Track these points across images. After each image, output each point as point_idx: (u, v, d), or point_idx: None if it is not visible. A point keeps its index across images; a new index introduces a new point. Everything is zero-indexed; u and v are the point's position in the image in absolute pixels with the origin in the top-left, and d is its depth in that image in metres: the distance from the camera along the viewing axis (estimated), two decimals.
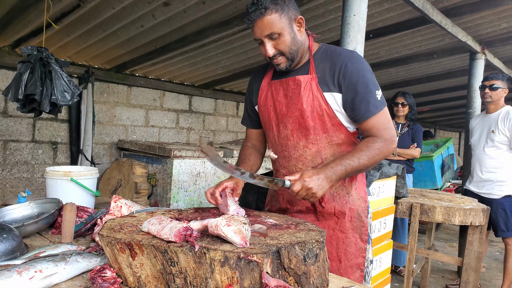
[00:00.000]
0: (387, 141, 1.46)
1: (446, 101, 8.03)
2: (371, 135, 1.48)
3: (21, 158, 4.03)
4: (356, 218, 1.57)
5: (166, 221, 1.10)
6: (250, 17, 1.42)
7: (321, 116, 1.49)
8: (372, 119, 1.46)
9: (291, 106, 1.54)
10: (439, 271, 4.31)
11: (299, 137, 1.55)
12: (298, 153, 1.57)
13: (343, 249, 1.56)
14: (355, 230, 1.57)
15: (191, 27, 3.52)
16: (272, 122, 1.63)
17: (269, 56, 1.47)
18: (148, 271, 1.07)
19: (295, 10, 1.46)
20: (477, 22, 3.88)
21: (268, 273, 0.94)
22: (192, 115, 5.60)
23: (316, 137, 1.52)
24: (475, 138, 3.49)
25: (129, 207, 1.62)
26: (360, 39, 2.14)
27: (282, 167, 1.65)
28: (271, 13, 1.39)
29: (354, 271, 1.56)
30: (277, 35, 1.42)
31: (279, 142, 1.62)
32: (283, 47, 1.45)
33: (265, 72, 1.69)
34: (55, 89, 2.43)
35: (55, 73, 2.45)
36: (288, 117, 1.56)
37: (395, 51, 4.63)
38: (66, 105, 2.54)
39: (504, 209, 3.24)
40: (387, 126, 1.47)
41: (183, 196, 3.74)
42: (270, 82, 1.63)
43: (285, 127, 1.58)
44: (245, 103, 1.80)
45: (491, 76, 3.32)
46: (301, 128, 1.54)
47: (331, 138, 1.52)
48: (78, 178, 1.97)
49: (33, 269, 1.08)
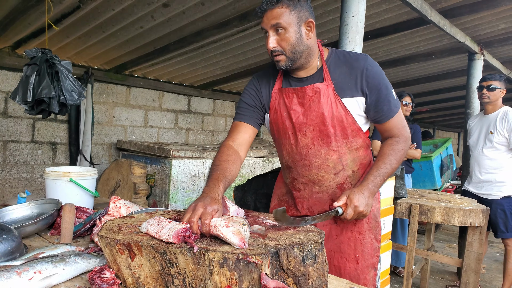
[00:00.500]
0: (407, 139, 1.54)
1: (445, 101, 8.05)
2: (392, 135, 1.55)
3: (21, 158, 4.03)
4: (372, 219, 1.59)
5: (165, 222, 1.10)
6: (262, 6, 1.42)
7: (341, 122, 1.50)
8: (393, 119, 1.52)
9: (310, 114, 1.52)
10: (438, 272, 4.31)
11: (321, 145, 1.54)
12: (319, 161, 1.56)
13: (360, 250, 1.57)
14: (371, 231, 1.59)
15: (190, 28, 3.52)
16: (288, 131, 1.59)
17: (270, 50, 1.45)
18: (147, 272, 1.07)
19: (309, 12, 1.44)
20: (476, 22, 3.89)
21: (267, 274, 0.94)
22: (191, 115, 5.61)
23: (337, 144, 1.53)
24: (473, 139, 3.49)
25: (128, 207, 1.62)
26: (359, 40, 2.15)
27: (301, 176, 1.62)
28: (282, 7, 1.39)
29: (370, 271, 1.58)
30: (282, 29, 1.40)
31: (297, 151, 1.59)
32: (285, 44, 1.42)
33: (274, 77, 1.63)
34: (63, 89, 2.46)
35: (61, 73, 2.48)
36: (308, 125, 1.54)
37: (393, 52, 4.64)
38: (75, 104, 2.57)
39: (504, 210, 3.24)
40: (404, 124, 1.55)
41: (182, 196, 3.74)
42: (281, 88, 1.59)
43: (304, 135, 1.56)
44: (246, 100, 1.64)
45: (489, 77, 3.32)
46: (322, 135, 1.53)
47: (351, 143, 1.54)
48: (77, 178, 1.97)
49: (32, 270, 1.08)
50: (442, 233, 5.98)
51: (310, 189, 1.63)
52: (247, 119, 1.61)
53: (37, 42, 3.62)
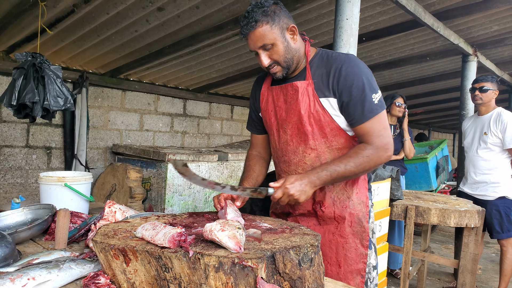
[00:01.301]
0: (378, 149, 1.44)
1: (440, 103, 8.09)
2: (364, 141, 1.47)
3: (15, 163, 4.00)
4: (356, 223, 1.57)
5: (160, 227, 1.09)
6: (243, 30, 1.45)
7: (319, 121, 1.51)
8: (366, 124, 1.45)
9: (290, 111, 1.56)
10: (435, 273, 4.32)
11: (298, 142, 1.56)
12: (297, 158, 1.58)
13: (342, 254, 1.56)
14: (356, 235, 1.56)
15: (185, 31, 3.52)
16: (273, 127, 1.65)
17: (265, 66, 1.49)
18: (142, 277, 1.06)
19: (287, 18, 1.47)
20: (469, 25, 3.92)
21: (263, 278, 0.94)
22: (186, 119, 5.60)
23: (315, 142, 1.53)
24: (468, 140, 3.51)
25: (123, 212, 1.62)
26: (353, 43, 2.15)
27: (283, 172, 1.67)
28: (262, 25, 1.41)
29: (354, 277, 1.55)
30: (270, 45, 1.44)
31: (279, 147, 1.64)
32: (277, 57, 1.47)
33: (265, 78, 1.71)
34: (48, 94, 2.42)
35: (48, 78, 2.44)
36: (288, 122, 1.57)
37: (388, 54, 4.66)
38: (59, 110, 2.52)
39: (499, 211, 3.25)
40: (381, 134, 1.45)
41: (178, 200, 3.73)
42: (270, 87, 1.65)
43: (284, 132, 1.60)
44: (250, 109, 1.82)
45: (481, 78, 3.34)
46: (300, 133, 1.55)
47: (331, 143, 1.53)
48: (72, 183, 1.96)
49: (26, 277, 1.07)
50: (438, 234, 5.99)
51: None
52: (255, 131, 1.82)
53: (31, 46, 3.61)
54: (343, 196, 1.57)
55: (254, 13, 1.41)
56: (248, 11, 1.42)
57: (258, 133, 1.81)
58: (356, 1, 2.22)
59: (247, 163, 1.77)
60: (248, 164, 1.76)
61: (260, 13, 1.41)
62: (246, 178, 1.68)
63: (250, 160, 1.77)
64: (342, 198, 1.57)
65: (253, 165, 1.74)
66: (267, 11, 1.41)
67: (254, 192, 1.41)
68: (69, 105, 2.54)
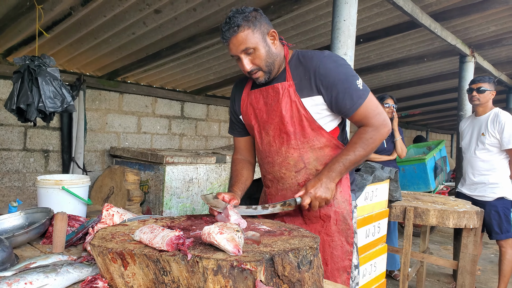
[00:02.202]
0: (378, 127, 1.50)
1: (437, 103, 8.11)
2: (363, 124, 1.53)
3: (12, 166, 3.98)
4: (341, 221, 1.59)
5: (158, 230, 1.08)
6: (225, 35, 1.47)
7: (300, 122, 1.54)
8: (360, 110, 1.50)
9: (271, 113, 1.59)
10: (434, 275, 4.31)
11: (281, 143, 1.60)
12: (280, 159, 1.62)
13: (329, 252, 1.58)
14: (341, 233, 1.59)
15: (182, 34, 3.52)
16: (254, 129, 1.68)
17: (247, 71, 1.52)
18: (140, 280, 1.06)
19: (267, 24, 1.51)
20: (466, 25, 3.93)
21: (262, 281, 0.93)
22: (184, 121, 5.59)
23: (297, 142, 1.57)
24: (466, 141, 3.50)
25: (121, 215, 1.60)
26: (351, 44, 2.16)
27: (267, 173, 1.71)
28: (244, 30, 1.44)
29: (341, 274, 1.58)
30: (252, 49, 1.47)
31: (262, 149, 1.67)
32: (259, 61, 1.49)
33: (245, 83, 1.73)
34: (43, 96, 2.40)
35: (43, 79, 2.41)
36: (269, 123, 1.61)
37: (385, 55, 4.67)
38: (57, 111, 2.50)
39: (498, 211, 3.25)
40: (376, 112, 1.51)
41: (176, 202, 3.71)
42: (249, 92, 1.68)
43: (267, 133, 1.63)
44: (229, 112, 1.85)
45: (478, 79, 3.34)
46: (282, 134, 1.58)
47: (312, 142, 1.56)
48: (70, 186, 1.95)
49: (23, 281, 1.06)
50: (437, 235, 6.00)
51: (275, 186, 1.69)
52: (237, 134, 1.84)
53: (28, 49, 3.60)
54: None
55: (236, 19, 1.43)
56: (230, 17, 1.45)
57: (240, 136, 1.84)
58: (354, 2, 2.23)
59: (234, 168, 1.79)
60: (235, 169, 1.78)
61: (242, 18, 1.44)
62: (236, 183, 1.70)
63: (237, 164, 1.79)
64: None
65: (240, 169, 1.76)
66: (248, 17, 1.45)
67: (284, 206, 1.48)
68: (67, 106, 2.50)
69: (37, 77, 2.45)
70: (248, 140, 1.83)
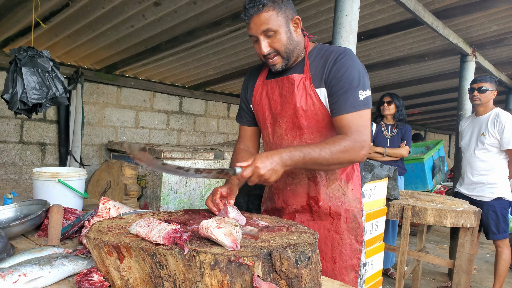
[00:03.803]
0: (356, 142, 1.36)
1: (437, 103, 8.11)
2: (343, 132, 1.41)
3: (9, 159, 3.95)
4: (351, 219, 1.56)
5: (155, 223, 1.07)
6: (248, 12, 1.40)
7: (315, 115, 1.48)
8: (346, 116, 1.39)
9: (285, 105, 1.53)
10: (430, 273, 4.32)
11: (293, 136, 1.54)
12: None
13: (338, 250, 1.55)
14: (351, 232, 1.56)
15: (181, 27, 3.49)
16: (266, 121, 1.62)
17: (263, 54, 1.45)
18: (136, 274, 1.04)
19: (292, 10, 1.45)
20: (468, 24, 3.92)
21: (260, 276, 0.92)
22: (182, 116, 5.56)
23: (310, 136, 1.51)
24: (465, 141, 3.49)
25: (118, 209, 1.59)
26: (352, 40, 2.13)
27: None
28: (269, 10, 1.38)
29: (349, 273, 1.55)
30: (273, 32, 1.41)
31: (273, 141, 1.61)
32: (279, 46, 1.43)
33: (260, 70, 1.68)
34: (27, 87, 2.29)
35: (28, 70, 2.32)
36: (283, 116, 1.54)
37: (386, 53, 4.66)
38: (41, 103, 2.40)
39: (495, 211, 3.25)
40: (360, 130, 1.38)
41: (173, 198, 3.70)
42: (265, 81, 1.62)
43: (279, 126, 1.57)
44: (240, 100, 1.77)
45: (480, 79, 3.32)
46: (295, 127, 1.52)
47: (326, 137, 1.50)
48: (66, 179, 1.93)
49: (17, 273, 1.04)
50: (433, 235, 6.01)
51: (284, 181, 1.62)
52: (245, 122, 1.75)
53: (25, 40, 3.56)
54: (338, 192, 1.56)
55: None
56: None
57: (247, 125, 1.75)
58: None
59: (234, 157, 1.69)
60: (235, 158, 1.68)
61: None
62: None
63: (238, 153, 1.69)
64: (338, 194, 1.56)
65: (241, 158, 1.64)
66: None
67: (220, 173, 1.31)
68: (53, 98, 2.38)
69: (22, 67, 2.38)
70: (255, 131, 1.75)
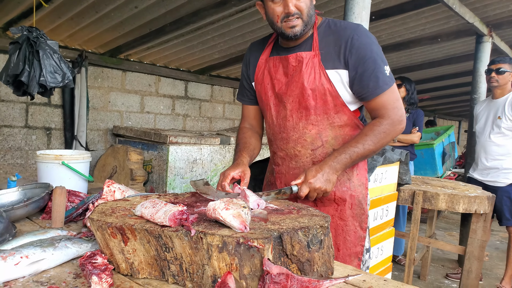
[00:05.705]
0: (394, 122, 1.38)
1: (448, 88, 7.93)
2: (379, 115, 1.40)
3: (14, 144, 3.94)
4: (356, 205, 1.51)
5: (160, 204, 1.02)
6: None
7: (323, 96, 1.41)
8: (381, 97, 1.38)
9: (291, 84, 1.46)
10: (439, 260, 4.28)
11: (299, 118, 1.48)
12: (297, 135, 1.50)
13: (342, 237, 1.50)
14: (355, 218, 1.51)
15: (186, 8, 3.40)
16: (269, 101, 1.55)
17: (288, 14, 1.36)
18: (141, 257, 1.00)
19: None
20: (485, 2, 3.74)
21: (270, 259, 0.87)
22: (188, 101, 5.50)
23: (317, 118, 1.45)
24: (480, 125, 3.39)
25: (123, 191, 1.55)
26: (365, 16, 2.04)
27: (279, 150, 1.58)
28: None
29: (352, 260, 1.51)
30: None
31: (277, 123, 1.55)
32: (304, 6, 1.36)
33: (263, 47, 1.59)
34: (44, 70, 2.30)
35: (44, 53, 2.31)
36: (288, 96, 1.48)
37: (397, 35, 4.50)
38: (57, 87, 2.40)
39: (510, 197, 3.18)
40: (395, 105, 1.39)
41: (180, 183, 3.67)
42: (268, 58, 1.55)
43: (284, 107, 1.50)
44: (241, 77, 1.70)
45: (498, 60, 3.21)
46: (301, 108, 1.46)
47: (333, 119, 1.45)
48: (70, 162, 1.89)
49: (19, 255, 1.01)
50: (442, 221, 5.95)
51: (287, 164, 1.57)
52: (247, 101, 1.70)
53: (28, 22, 3.50)
54: (343, 177, 1.50)
55: None
56: None
57: (249, 103, 1.70)
58: None
59: (241, 135, 1.66)
60: (242, 136, 1.64)
61: None
62: (244, 149, 1.57)
63: (244, 133, 1.66)
64: (343, 179, 1.50)
65: (248, 137, 1.63)
66: None
67: (278, 194, 1.34)
68: (67, 82, 2.40)
69: (38, 50, 2.35)
70: (258, 109, 1.70)
